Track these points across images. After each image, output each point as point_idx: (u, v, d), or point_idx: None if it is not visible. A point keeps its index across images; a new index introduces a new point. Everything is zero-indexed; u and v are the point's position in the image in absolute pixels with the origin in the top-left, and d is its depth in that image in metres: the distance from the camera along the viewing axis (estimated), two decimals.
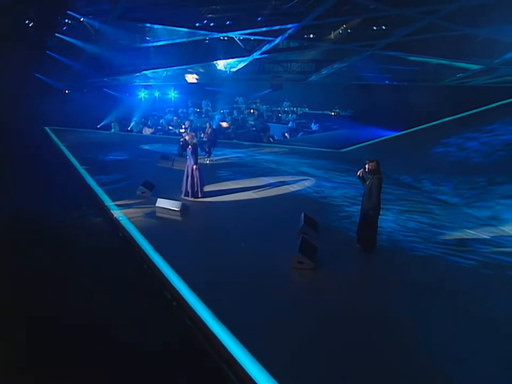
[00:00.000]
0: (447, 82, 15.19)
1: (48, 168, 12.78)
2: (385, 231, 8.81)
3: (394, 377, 4.42)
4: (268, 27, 10.90)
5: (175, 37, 13.24)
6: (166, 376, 4.47)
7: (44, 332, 5.05)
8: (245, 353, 4.65)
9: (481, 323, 5.52)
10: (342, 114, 27.95)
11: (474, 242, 8.39)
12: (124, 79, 19.83)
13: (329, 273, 6.82)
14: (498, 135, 13.28)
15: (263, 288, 6.27)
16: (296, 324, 5.37)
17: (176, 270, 6.54)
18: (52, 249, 7.35)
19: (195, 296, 5.77)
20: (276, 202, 10.71)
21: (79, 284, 6.30)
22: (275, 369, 4.39)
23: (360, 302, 5.94)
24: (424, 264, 7.23)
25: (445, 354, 4.80)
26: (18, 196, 9.87)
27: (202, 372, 4.58)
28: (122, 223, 8.68)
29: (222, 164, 14.97)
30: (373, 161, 7.52)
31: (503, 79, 13.83)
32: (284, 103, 31.16)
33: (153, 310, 5.73)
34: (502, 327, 5.48)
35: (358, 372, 4.49)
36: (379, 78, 17.40)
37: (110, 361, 4.58)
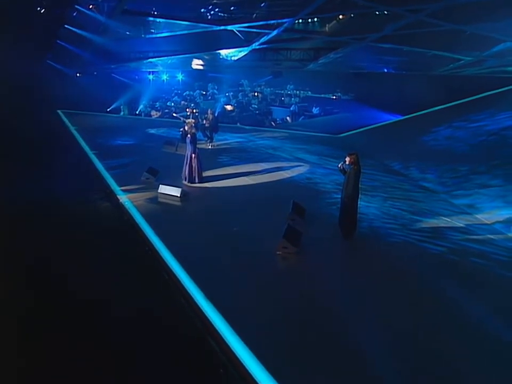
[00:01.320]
0: (441, 72, 15.34)
1: (60, 152, 13.37)
2: (367, 218, 9.34)
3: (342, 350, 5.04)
4: (264, 21, 11.19)
5: (177, 29, 13.53)
6: (154, 339, 5.15)
7: (53, 300, 5.75)
8: (223, 322, 5.35)
9: (422, 303, 6.05)
10: (343, 98, 28.09)
11: (448, 230, 8.86)
12: (132, 66, 20.13)
13: (310, 257, 7.39)
14: (484, 125, 13.50)
15: (248, 267, 6.89)
16: (271, 301, 5.97)
17: (172, 250, 7.18)
18: (62, 231, 7.98)
19: (187, 273, 6.43)
20: (269, 188, 11.19)
21: (87, 262, 6.96)
22: (248, 337, 5.04)
23: (332, 284, 6.50)
24: (397, 250, 7.74)
25: (379, 323, 5.44)
26: (33, 181, 10.51)
27: (187, 340, 5.24)
28: (127, 207, 9.31)
29: (223, 149, 15.43)
30: (353, 154, 7.99)
31: (493, 69, 13.98)
32: (288, 85, 31.29)
33: (151, 286, 6.42)
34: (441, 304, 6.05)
35: (319, 344, 5.09)
36: (375, 67, 17.57)
37: (107, 330, 5.28)
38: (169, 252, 7.17)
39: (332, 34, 12.61)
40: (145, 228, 8.23)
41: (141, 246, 7.78)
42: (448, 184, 11.62)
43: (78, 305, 5.67)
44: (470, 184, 11.15)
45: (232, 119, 25.69)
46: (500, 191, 10.29)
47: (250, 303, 5.99)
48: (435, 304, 6.02)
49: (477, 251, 7.89)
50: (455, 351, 5.05)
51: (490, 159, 11.68)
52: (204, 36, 13.89)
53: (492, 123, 13.48)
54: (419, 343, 5.16)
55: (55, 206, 9.14)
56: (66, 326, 5.29)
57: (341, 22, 11.29)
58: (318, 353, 4.94)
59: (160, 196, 9.95)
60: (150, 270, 6.99)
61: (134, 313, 5.59)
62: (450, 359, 4.87)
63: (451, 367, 4.75)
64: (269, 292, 6.23)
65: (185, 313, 5.75)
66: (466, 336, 5.36)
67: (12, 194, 9.50)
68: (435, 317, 5.73)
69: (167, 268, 6.81)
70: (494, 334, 5.37)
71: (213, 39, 14.30)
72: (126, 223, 8.81)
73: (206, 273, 6.56)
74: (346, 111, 25.58)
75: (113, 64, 18.80)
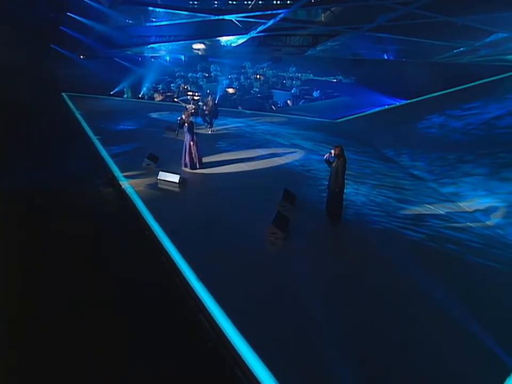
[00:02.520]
0: (438, 59, 15.48)
1: (66, 138, 13.85)
2: (355, 204, 9.83)
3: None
4: (260, 12, 11.46)
5: (176, 19, 13.75)
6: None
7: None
8: (205, 291, 6.05)
9: (390, 286, 6.53)
10: (344, 82, 28.15)
11: (430, 217, 9.32)
12: (134, 50, 20.37)
13: (295, 242, 7.90)
14: (476, 114, 13.74)
15: (238, 250, 7.45)
16: (257, 280, 6.56)
17: (168, 233, 7.75)
18: (67, 216, 8.54)
19: (181, 254, 7.04)
20: (264, 175, 11.62)
21: (91, 244, 7.54)
22: (232, 310, 5.67)
23: (315, 268, 7.05)
24: (377, 237, 8.20)
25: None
26: (41, 165, 11.06)
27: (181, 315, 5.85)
28: (129, 193, 9.84)
29: (222, 135, 15.83)
30: (338, 147, 8.44)
31: (488, 58, 14.12)
32: (290, 68, 31.29)
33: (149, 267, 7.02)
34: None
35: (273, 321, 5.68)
36: (373, 54, 17.72)
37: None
38: (166, 236, 7.73)
39: (327, 24, 12.82)
40: (145, 213, 8.77)
41: (141, 230, 8.33)
42: (436, 172, 12.00)
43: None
44: (456, 173, 11.52)
45: (234, 102, 25.92)
46: (483, 180, 10.68)
47: (234, 279, 6.58)
48: (400, 288, 6.49)
49: (454, 238, 8.36)
50: (408, 329, 5.58)
51: (478, 148, 12.00)
52: (203, 23, 14.09)
53: (483, 112, 13.70)
54: (375, 325, 5.68)
55: (63, 190, 9.68)
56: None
57: (336, 13, 11.48)
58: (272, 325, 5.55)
59: (159, 182, 10.45)
60: (149, 252, 7.56)
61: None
62: (403, 340, 5.42)
63: (400, 348, 5.29)
64: (252, 272, 6.78)
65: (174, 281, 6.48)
66: (420, 314, 5.88)
67: (21, 177, 10.07)
68: (395, 300, 6.21)
69: (164, 250, 7.38)
70: (445, 311, 5.89)
71: (212, 26, 14.52)
72: (127, 208, 9.35)
73: (197, 254, 7.13)
74: (347, 95, 25.77)
75: (115, 49, 19.04)
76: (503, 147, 11.43)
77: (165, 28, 16.04)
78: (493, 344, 5.16)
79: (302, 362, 4.95)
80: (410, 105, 17.65)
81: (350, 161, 13.12)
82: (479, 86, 14.95)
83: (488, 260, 7.54)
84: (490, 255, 7.73)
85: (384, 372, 4.86)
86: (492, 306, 6.10)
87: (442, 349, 5.20)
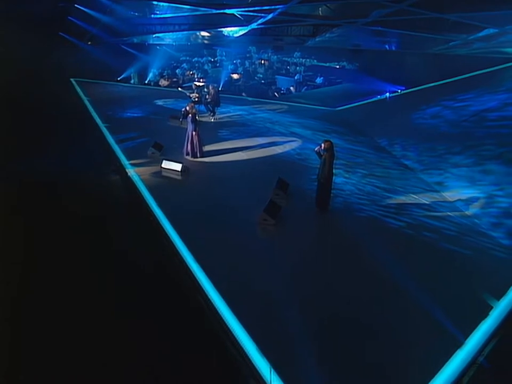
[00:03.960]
0: (434, 51, 15.85)
1: (76, 126, 14.56)
2: (344, 193, 10.53)
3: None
4: (259, 7, 11.98)
5: (179, 12, 14.31)
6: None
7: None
8: (200, 270, 6.86)
9: (364, 270, 7.26)
10: (347, 68, 28.37)
11: (413, 206, 9.98)
12: (140, 38, 20.95)
13: (285, 228, 8.65)
14: (468, 105, 14.15)
15: (232, 233, 8.24)
16: (245, 258, 7.40)
17: (170, 219, 8.52)
18: (76, 202, 9.30)
19: (180, 236, 7.85)
20: (262, 163, 12.30)
21: (99, 225, 8.35)
22: (217, 277, 6.57)
23: (298, 250, 7.82)
24: (361, 224, 8.91)
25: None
26: (53, 154, 11.83)
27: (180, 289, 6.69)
28: (135, 180, 10.62)
29: (224, 123, 16.47)
30: (327, 141, 9.09)
31: (483, 50, 14.47)
32: (295, 53, 31.48)
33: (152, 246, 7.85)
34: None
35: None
36: (371, 45, 18.08)
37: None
38: (167, 220, 8.53)
39: (324, 18, 13.25)
40: (149, 200, 9.57)
41: (145, 215, 9.12)
42: (425, 162, 12.58)
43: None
44: (444, 164, 12.07)
45: (238, 88, 26.40)
46: (468, 171, 11.25)
47: (226, 258, 7.41)
48: (368, 269, 7.22)
49: (432, 226, 9.03)
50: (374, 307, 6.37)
51: (467, 139, 12.49)
52: (206, 15, 14.57)
53: (475, 103, 14.12)
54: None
55: (74, 177, 10.45)
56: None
57: (332, 7, 11.92)
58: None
59: (163, 170, 11.20)
60: (153, 236, 8.36)
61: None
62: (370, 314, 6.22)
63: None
64: (243, 252, 7.60)
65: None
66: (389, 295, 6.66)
67: (32, 165, 10.85)
68: (363, 278, 6.97)
69: (165, 234, 8.18)
70: (405, 290, 6.64)
71: (215, 18, 14.99)
72: (133, 195, 10.13)
73: (194, 235, 7.95)
74: (349, 81, 26.08)
75: (120, 38, 19.64)
76: (489, 140, 11.93)
77: (169, 18, 16.56)
78: (446, 320, 5.92)
79: (270, 314, 5.92)
80: (406, 95, 18.08)
81: (345, 150, 13.96)
82: (474, 78, 15.31)
83: (460, 247, 8.24)
84: (462, 243, 8.42)
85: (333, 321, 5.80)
86: (450, 287, 6.82)
87: (398, 319, 6.00)
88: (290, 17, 12.98)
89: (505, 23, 11.03)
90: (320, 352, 5.37)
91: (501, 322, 6.19)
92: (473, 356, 5.52)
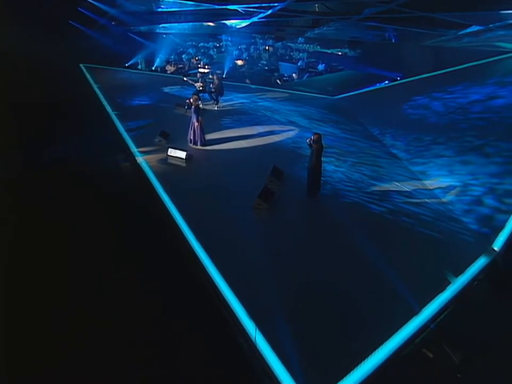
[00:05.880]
0: (429, 44, 16.45)
1: (89, 114, 15.51)
2: (333, 181, 11.45)
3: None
4: (258, 4, 12.71)
5: (184, 6, 15.08)
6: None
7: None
8: (201, 248, 7.77)
9: (345, 250, 8.15)
10: (349, 55, 28.77)
11: (395, 194, 10.87)
12: (147, 27, 21.66)
13: (278, 212, 9.64)
14: (456, 98, 14.82)
15: (228, 214, 9.22)
16: (239, 235, 8.41)
17: (174, 202, 9.52)
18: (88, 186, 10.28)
19: (183, 217, 8.86)
20: (260, 151, 13.19)
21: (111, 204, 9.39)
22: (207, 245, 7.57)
23: (289, 232, 8.82)
24: (346, 209, 9.85)
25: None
26: (68, 142, 12.80)
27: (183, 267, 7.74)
28: (143, 167, 11.62)
29: (227, 111, 17.32)
30: (317, 134, 9.96)
31: (473, 44, 15.06)
32: (299, 38, 31.81)
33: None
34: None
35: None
36: (368, 38, 18.67)
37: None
38: (174, 206, 9.53)
39: (320, 14, 13.90)
40: (156, 185, 10.57)
41: (153, 199, 10.12)
42: (411, 152, 13.39)
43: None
44: (428, 153, 12.89)
45: (242, 74, 27.06)
46: (449, 161, 12.09)
47: (224, 234, 8.43)
48: (349, 248, 8.14)
49: (410, 212, 9.95)
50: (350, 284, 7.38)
51: (451, 131, 13.25)
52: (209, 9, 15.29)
53: (462, 96, 14.79)
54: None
55: (88, 163, 11.45)
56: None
57: (327, 4, 12.56)
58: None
59: (169, 158, 12.17)
60: (160, 221, 9.38)
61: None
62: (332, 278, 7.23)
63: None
64: (237, 231, 8.60)
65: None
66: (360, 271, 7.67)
67: (50, 152, 11.83)
68: (344, 257, 7.91)
69: (170, 216, 9.20)
70: (376, 267, 7.62)
71: (218, 11, 15.67)
72: (142, 180, 11.11)
73: (195, 216, 8.95)
74: (350, 68, 26.59)
75: (127, 27, 20.43)
76: (471, 131, 12.71)
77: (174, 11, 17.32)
78: (408, 292, 6.94)
79: (255, 278, 6.92)
80: (399, 85, 18.72)
81: (339, 139, 14.81)
82: (466, 70, 15.90)
83: (432, 231, 9.16)
84: (435, 227, 9.35)
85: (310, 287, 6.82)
86: (416, 265, 7.80)
87: (366, 288, 7.02)
88: (289, 13, 13.67)
89: (488, 22, 11.67)
90: (296, 310, 6.44)
91: (455, 296, 7.20)
92: (426, 323, 6.57)
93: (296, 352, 5.69)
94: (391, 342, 6.13)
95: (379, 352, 5.94)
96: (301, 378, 5.36)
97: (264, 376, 5.57)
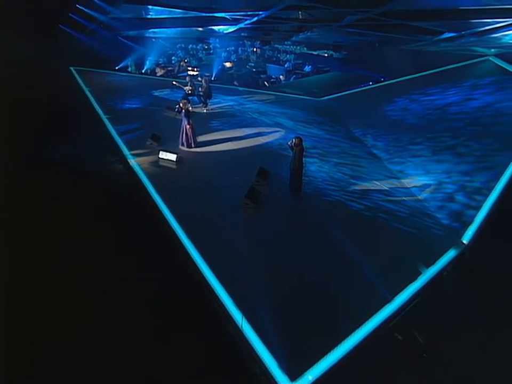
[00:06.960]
0: (409, 48, 17.16)
1: (80, 118, 15.83)
2: (315, 180, 12.05)
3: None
4: (243, 12, 13.28)
5: (173, 14, 15.60)
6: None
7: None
8: (188, 240, 8.33)
9: (325, 245, 8.78)
10: (335, 57, 29.45)
11: (374, 192, 11.53)
12: (136, 32, 22.07)
13: (264, 211, 10.21)
14: (434, 99, 15.52)
15: (217, 213, 9.76)
16: (226, 230, 9.02)
17: (167, 203, 10.03)
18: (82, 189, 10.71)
19: (174, 215, 9.38)
20: (247, 153, 13.66)
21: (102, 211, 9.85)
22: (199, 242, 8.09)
23: (273, 228, 9.39)
24: (327, 207, 10.45)
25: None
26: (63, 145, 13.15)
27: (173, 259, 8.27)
28: (136, 170, 12.07)
29: (215, 114, 17.80)
30: (298, 137, 10.56)
31: (449, 48, 15.81)
32: (286, 41, 32.40)
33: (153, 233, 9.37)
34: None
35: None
36: (350, 42, 19.35)
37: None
38: (165, 205, 10.03)
39: (303, 21, 14.51)
40: (148, 186, 11.04)
41: (146, 201, 10.59)
42: (391, 152, 14.06)
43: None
44: (406, 153, 13.57)
45: (231, 76, 27.54)
46: (425, 160, 12.78)
47: (213, 230, 8.95)
48: (328, 243, 8.77)
49: (387, 209, 10.62)
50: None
51: (428, 132, 13.96)
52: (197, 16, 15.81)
53: (440, 98, 15.52)
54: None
55: (82, 166, 11.81)
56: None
57: (309, 12, 13.15)
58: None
59: (160, 160, 12.64)
60: (153, 219, 9.87)
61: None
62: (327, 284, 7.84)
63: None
64: (225, 226, 9.20)
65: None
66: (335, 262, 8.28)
67: (43, 155, 12.12)
68: (323, 251, 8.53)
69: (163, 218, 9.72)
70: (352, 259, 8.27)
71: (206, 17, 16.15)
72: (134, 182, 11.55)
73: (186, 213, 9.51)
74: (336, 70, 27.29)
75: (117, 32, 20.85)
76: (446, 132, 13.42)
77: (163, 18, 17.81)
78: (382, 283, 7.56)
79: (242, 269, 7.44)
80: (380, 87, 19.42)
81: (323, 140, 15.41)
82: (445, 72, 16.65)
83: (407, 226, 9.83)
84: (410, 223, 10.02)
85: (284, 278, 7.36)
86: (390, 258, 8.45)
87: (341, 280, 7.63)
88: (274, 20, 14.26)
89: (460, 29, 12.37)
90: (280, 299, 7.02)
91: (425, 285, 7.86)
92: (398, 310, 7.21)
93: (279, 336, 6.30)
94: (366, 326, 6.77)
95: (355, 335, 6.57)
96: (283, 360, 5.96)
97: (252, 361, 6.15)
